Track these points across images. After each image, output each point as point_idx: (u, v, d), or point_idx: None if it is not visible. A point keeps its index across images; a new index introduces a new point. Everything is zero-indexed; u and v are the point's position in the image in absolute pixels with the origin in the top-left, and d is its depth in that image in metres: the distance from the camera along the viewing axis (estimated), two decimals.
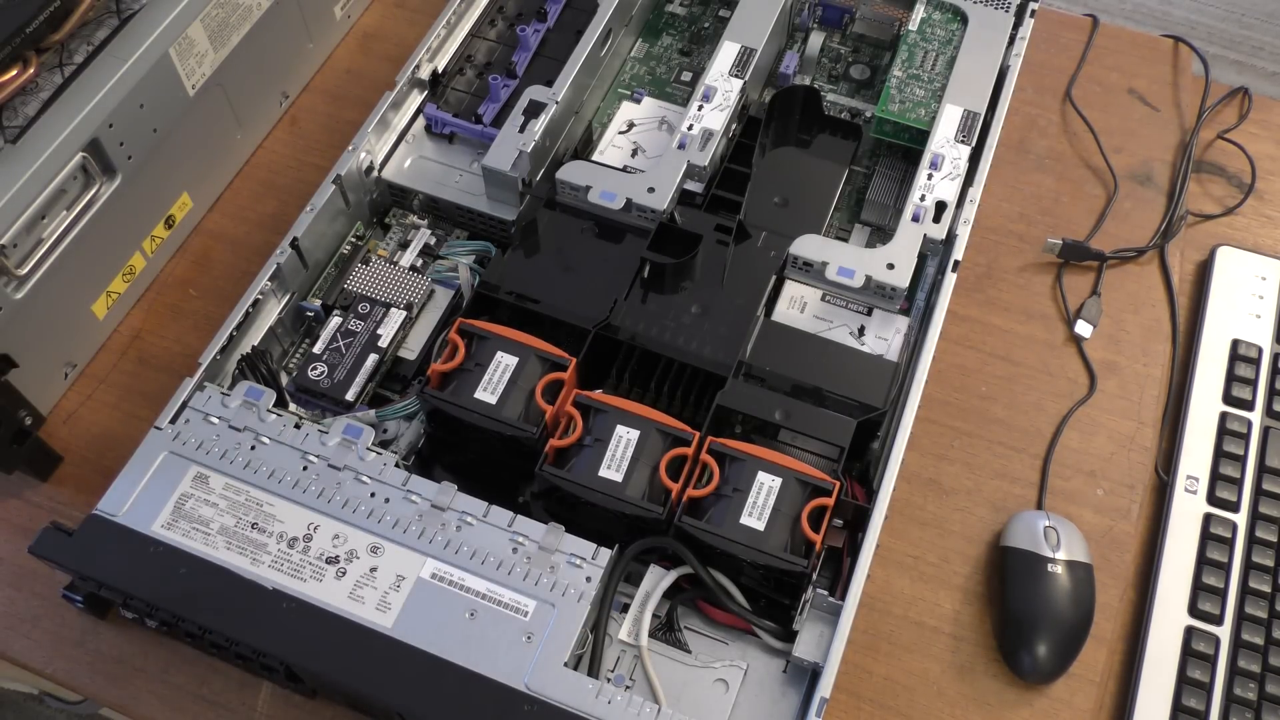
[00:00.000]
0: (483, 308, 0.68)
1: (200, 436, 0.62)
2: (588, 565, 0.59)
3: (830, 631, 0.59)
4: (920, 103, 0.76)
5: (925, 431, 0.73)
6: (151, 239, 0.77)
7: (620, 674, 0.60)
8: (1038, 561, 0.65)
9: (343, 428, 0.62)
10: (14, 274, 0.65)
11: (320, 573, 0.58)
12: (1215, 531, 0.69)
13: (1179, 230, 0.81)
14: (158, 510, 0.60)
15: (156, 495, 0.60)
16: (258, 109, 0.84)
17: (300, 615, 0.57)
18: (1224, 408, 0.73)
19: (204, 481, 0.61)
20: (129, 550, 0.58)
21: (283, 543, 0.59)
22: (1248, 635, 0.65)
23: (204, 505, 0.60)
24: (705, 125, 0.73)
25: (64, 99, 0.66)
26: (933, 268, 0.72)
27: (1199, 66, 0.89)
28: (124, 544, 0.58)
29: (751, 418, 0.63)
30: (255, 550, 0.59)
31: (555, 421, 0.63)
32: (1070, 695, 0.65)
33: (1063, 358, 0.76)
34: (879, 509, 0.60)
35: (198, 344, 0.65)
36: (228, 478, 0.61)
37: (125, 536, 0.59)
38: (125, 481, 0.60)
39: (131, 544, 0.58)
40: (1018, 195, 0.83)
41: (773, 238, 0.71)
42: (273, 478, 0.61)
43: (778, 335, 0.67)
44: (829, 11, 0.85)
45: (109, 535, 0.59)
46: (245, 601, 0.57)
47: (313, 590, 0.57)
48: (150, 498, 0.60)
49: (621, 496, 0.59)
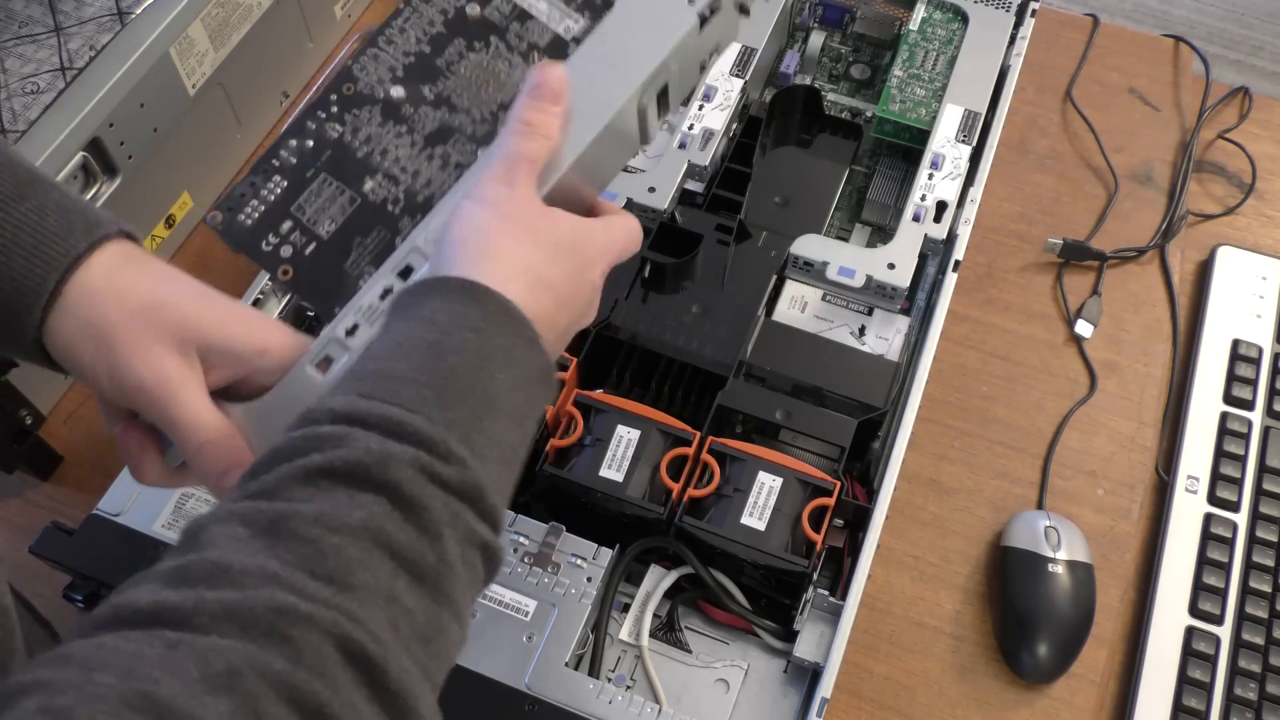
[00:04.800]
0: None
1: None
2: (588, 565, 0.59)
3: (831, 631, 0.59)
4: (921, 102, 0.76)
5: (926, 431, 0.73)
6: (152, 238, 0.77)
7: (621, 674, 0.60)
8: (1038, 561, 0.65)
9: None
10: None
11: None
12: (1216, 531, 0.69)
13: (1179, 230, 0.81)
14: (158, 510, 0.60)
15: (157, 495, 0.60)
16: (258, 108, 0.84)
17: None
18: (1224, 407, 0.73)
19: None
20: (130, 550, 0.58)
21: None
22: (1248, 635, 0.65)
23: (205, 505, 0.60)
24: (706, 125, 0.73)
25: (65, 98, 0.66)
26: (933, 267, 0.72)
27: (1199, 66, 0.89)
28: (125, 544, 0.59)
29: (752, 418, 0.63)
30: None
31: (556, 421, 0.63)
32: (1071, 695, 0.65)
33: (1063, 357, 0.76)
34: (879, 509, 0.60)
35: None
36: None
37: (126, 536, 0.59)
38: (126, 481, 0.60)
39: (132, 544, 0.59)
40: (1018, 195, 0.83)
41: (773, 237, 0.71)
42: None
43: (778, 335, 0.67)
44: (830, 11, 0.85)
45: (109, 535, 0.59)
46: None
47: None
48: (151, 497, 0.60)
49: (622, 496, 0.59)
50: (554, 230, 0.43)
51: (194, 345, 0.41)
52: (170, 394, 0.40)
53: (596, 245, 0.45)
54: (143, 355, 0.40)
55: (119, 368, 0.40)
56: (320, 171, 0.49)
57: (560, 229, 0.44)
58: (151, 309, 0.41)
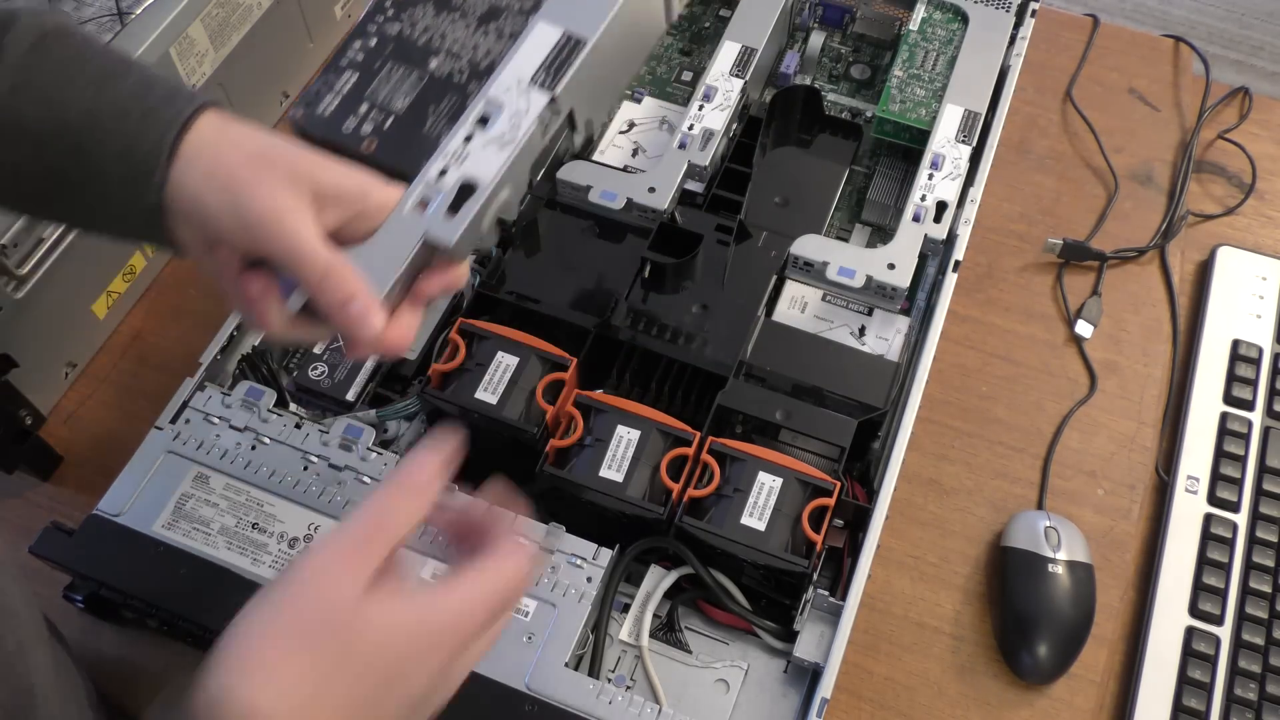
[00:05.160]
0: (483, 308, 0.68)
1: (201, 436, 0.62)
2: (588, 565, 0.59)
3: (831, 631, 0.59)
4: (921, 102, 0.76)
5: (926, 431, 0.73)
6: None
7: (621, 674, 0.60)
8: (1038, 561, 0.65)
9: (343, 428, 0.62)
10: (14, 274, 0.65)
11: None
12: (1216, 532, 0.69)
13: (1179, 230, 0.81)
14: (158, 510, 0.60)
15: (157, 495, 0.60)
16: (258, 108, 0.84)
17: None
18: (1224, 408, 0.73)
19: (204, 481, 0.61)
20: (129, 550, 0.58)
21: (283, 543, 0.59)
22: (1248, 635, 0.65)
23: (204, 505, 0.60)
24: (706, 125, 0.73)
25: None
26: (933, 268, 0.72)
27: (1199, 66, 0.89)
28: (124, 544, 0.59)
29: (752, 418, 0.63)
30: (256, 550, 0.59)
31: (556, 421, 0.63)
32: (1071, 695, 0.65)
33: (1063, 358, 0.76)
34: (879, 509, 0.60)
35: (198, 344, 0.65)
36: (228, 478, 0.61)
37: (126, 536, 0.59)
38: (125, 481, 0.60)
39: (132, 544, 0.59)
40: (1018, 195, 0.83)
41: (773, 237, 0.71)
42: (273, 478, 0.61)
43: (778, 335, 0.67)
44: (830, 11, 0.85)
45: (109, 535, 0.59)
46: (246, 602, 0.57)
47: None
48: (151, 498, 0.60)
49: (622, 496, 0.59)
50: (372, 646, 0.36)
51: (306, 186, 0.44)
52: (292, 226, 0.43)
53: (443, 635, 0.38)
54: (265, 191, 0.43)
55: (243, 205, 0.43)
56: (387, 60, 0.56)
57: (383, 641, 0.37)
58: (266, 154, 0.44)
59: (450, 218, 0.46)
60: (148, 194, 0.43)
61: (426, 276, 0.48)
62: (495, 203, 0.48)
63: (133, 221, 0.44)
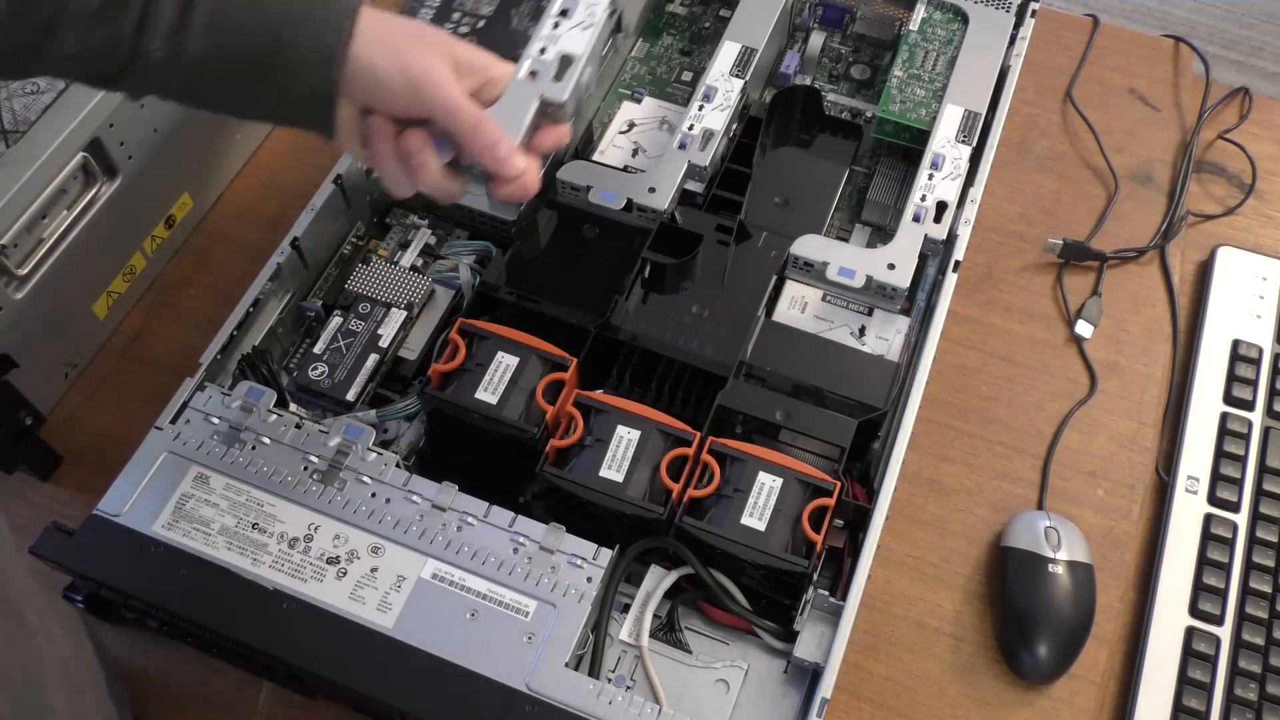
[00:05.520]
0: (483, 308, 0.68)
1: (201, 436, 0.62)
2: (588, 565, 0.59)
3: (831, 632, 0.59)
4: (921, 103, 0.76)
5: (926, 432, 0.73)
6: (152, 239, 0.77)
7: (621, 674, 0.60)
8: (1038, 562, 0.65)
9: (343, 428, 0.62)
10: (14, 274, 0.65)
11: (321, 573, 0.58)
12: (1216, 532, 0.69)
13: (1179, 230, 0.81)
14: (158, 510, 0.60)
15: (157, 495, 0.60)
16: None
17: (301, 615, 0.57)
18: (1224, 408, 0.73)
19: (204, 482, 0.61)
20: (130, 550, 0.58)
21: (283, 543, 0.59)
22: (1248, 635, 0.65)
23: (204, 505, 0.60)
24: (706, 125, 0.73)
25: (65, 99, 0.66)
26: (933, 268, 0.72)
27: (1199, 66, 0.89)
28: (124, 544, 0.58)
29: (752, 418, 0.63)
30: (256, 550, 0.59)
31: (556, 421, 0.63)
32: (1071, 695, 0.65)
33: (1063, 358, 0.76)
34: (880, 509, 0.60)
35: (198, 344, 0.65)
36: (228, 478, 0.61)
37: (126, 536, 0.59)
38: (126, 481, 0.60)
39: (132, 544, 0.58)
40: (1018, 195, 0.83)
41: (773, 238, 0.71)
42: (273, 478, 0.61)
43: (778, 335, 0.67)
44: (830, 11, 0.85)
45: (109, 535, 0.59)
46: (246, 602, 0.57)
47: (313, 590, 0.57)
48: (151, 498, 0.60)
49: (622, 497, 0.59)
50: None
51: (450, 57, 0.55)
52: (449, 84, 0.54)
53: None
54: (426, 57, 0.54)
55: (410, 67, 0.54)
56: None
57: None
58: (419, 30, 0.56)
59: (557, 82, 0.58)
60: (332, 70, 0.53)
61: (540, 133, 0.59)
62: (585, 73, 0.60)
63: (308, 103, 0.54)
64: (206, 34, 0.51)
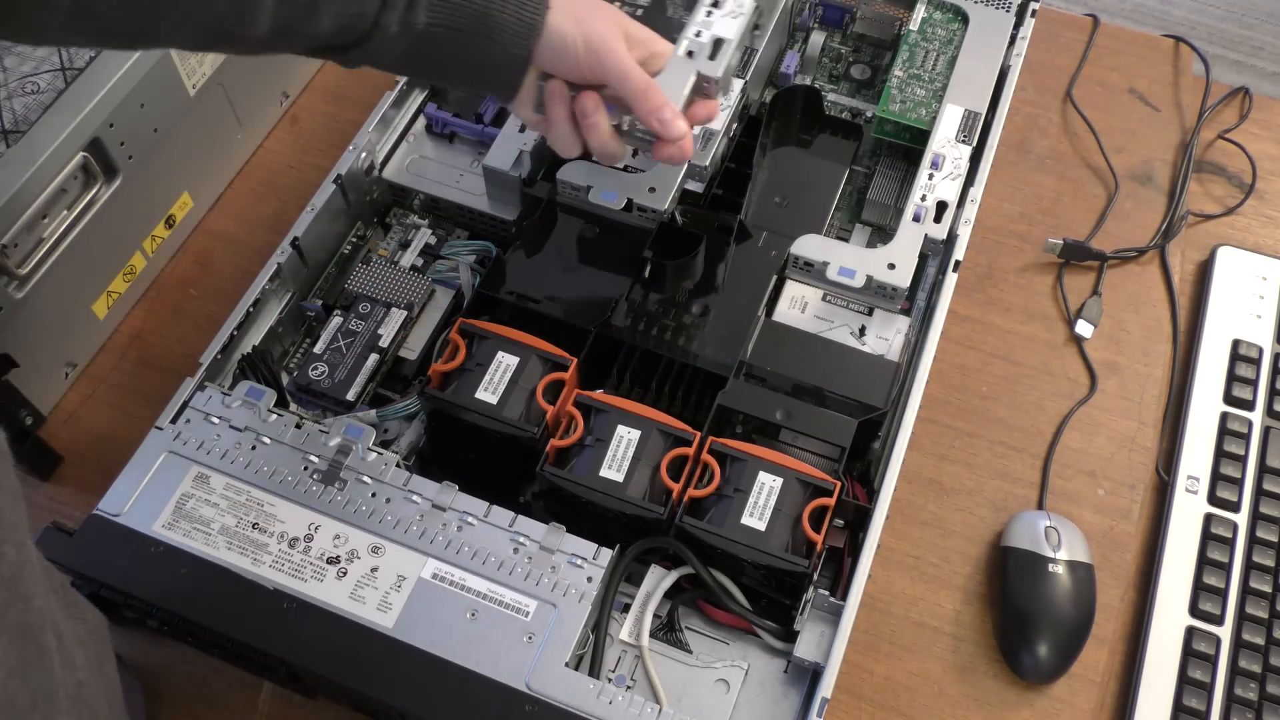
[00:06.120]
0: (484, 308, 0.68)
1: (201, 436, 0.62)
2: (589, 565, 0.59)
3: (831, 632, 0.59)
4: (921, 102, 0.76)
5: (926, 431, 0.73)
6: (152, 239, 0.77)
7: (621, 674, 0.60)
8: (1039, 561, 0.65)
9: (343, 428, 0.62)
10: (15, 273, 0.65)
11: (321, 573, 0.58)
12: (1216, 531, 0.69)
13: (1179, 230, 0.81)
14: (158, 510, 0.60)
15: (157, 495, 0.60)
16: (258, 109, 0.84)
17: (301, 615, 0.57)
18: (1225, 408, 0.73)
19: (205, 481, 0.61)
20: (130, 550, 0.58)
21: (284, 543, 0.59)
22: (1248, 635, 0.65)
23: (205, 505, 0.60)
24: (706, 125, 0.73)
25: (65, 99, 0.66)
26: (933, 268, 0.72)
27: (1199, 66, 0.89)
28: (125, 544, 0.58)
29: (752, 418, 0.63)
30: (256, 550, 0.59)
31: (556, 421, 0.63)
32: (1071, 695, 0.65)
33: (1063, 358, 0.76)
34: (880, 509, 0.60)
35: (198, 344, 0.65)
36: (228, 478, 0.61)
37: (126, 536, 0.59)
38: (126, 481, 0.60)
39: (132, 544, 0.58)
40: (1018, 195, 0.83)
41: (773, 237, 0.71)
42: (274, 478, 0.61)
43: (778, 335, 0.67)
44: (830, 11, 0.85)
45: (110, 535, 0.59)
46: (246, 602, 0.57)
47: (314, 590, 0.57)
48: (151, 498, 0.60)
49: (622, 496, 0.59)
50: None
51: (623, 30, 0.61)
52: (623, 52, 0.59)
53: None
54: (607, 26, 0.60)
55: (591, 34, 0.59)
56: None
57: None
58: (598, 3, 0.61)
59: (712, 61, 0.64)
60: (531, 38, 0.58)
61: (694, 106, 0.64)
62: (734, 55, 0.65)
63: (503, 69, 0.59)
64: (429, 8, 0.56)
